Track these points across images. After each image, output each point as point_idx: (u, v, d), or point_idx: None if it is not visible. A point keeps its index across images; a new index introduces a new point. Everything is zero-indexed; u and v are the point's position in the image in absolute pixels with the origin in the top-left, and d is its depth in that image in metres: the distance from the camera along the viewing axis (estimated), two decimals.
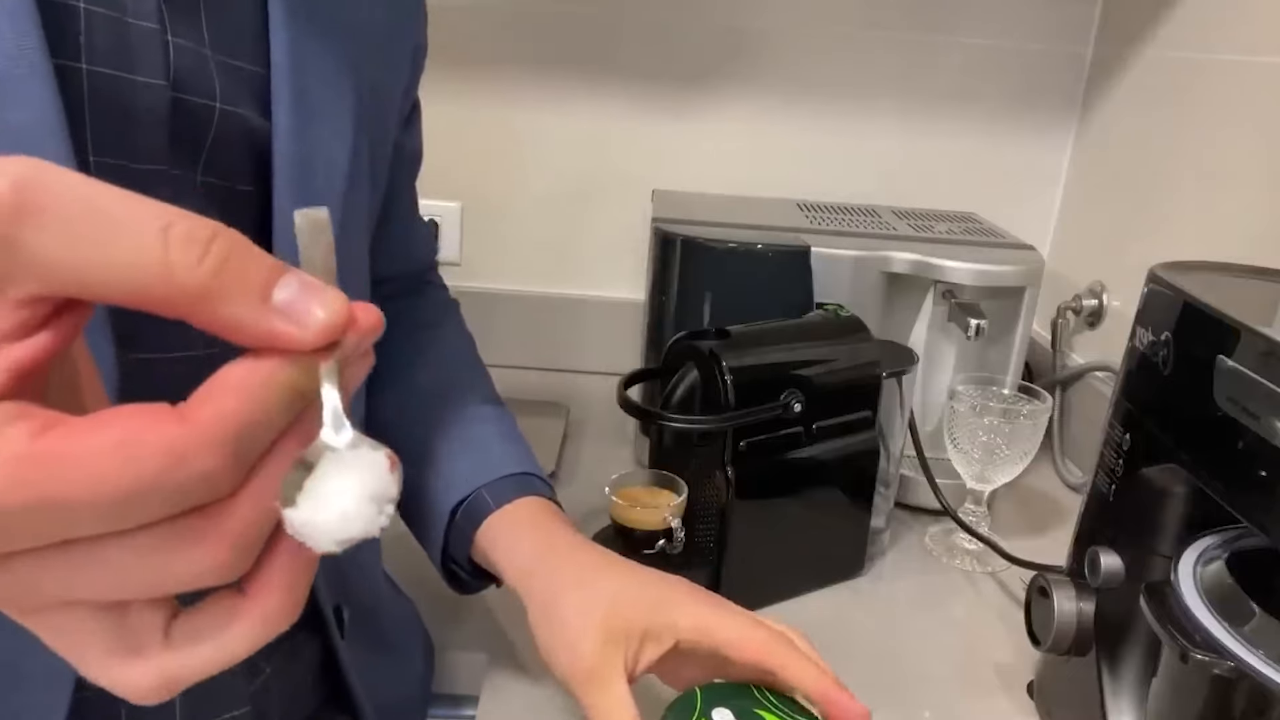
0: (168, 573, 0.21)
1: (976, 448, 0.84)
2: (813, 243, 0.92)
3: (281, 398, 0.21)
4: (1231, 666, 0.45)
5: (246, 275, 0.21)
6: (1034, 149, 1.20)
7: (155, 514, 0.21)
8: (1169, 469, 0.56)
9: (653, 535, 0.75)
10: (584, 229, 1.23)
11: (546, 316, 1.23)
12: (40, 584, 0.21)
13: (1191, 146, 0.95)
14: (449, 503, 0.61)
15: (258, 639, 0.24)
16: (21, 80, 0.35)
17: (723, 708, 0.50)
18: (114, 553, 0.21)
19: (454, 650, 0.73)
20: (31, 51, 0.36)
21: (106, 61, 0.39)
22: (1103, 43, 1.14)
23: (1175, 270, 0.60)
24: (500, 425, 0.67)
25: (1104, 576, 0.59)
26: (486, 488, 0.61)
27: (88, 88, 0.38)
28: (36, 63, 0.36)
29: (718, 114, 1.18)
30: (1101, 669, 0.60)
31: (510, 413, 0.69)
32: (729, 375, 0.72)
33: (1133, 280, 0.65)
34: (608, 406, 0.82)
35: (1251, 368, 0.48)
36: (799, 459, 0.76)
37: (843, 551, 0.83)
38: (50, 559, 0.21)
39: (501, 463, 0.63)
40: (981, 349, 0.94)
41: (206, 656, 0.24)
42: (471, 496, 0.61)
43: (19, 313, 0.20)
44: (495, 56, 1.16)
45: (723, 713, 0.50)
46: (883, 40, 1.16)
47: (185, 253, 0.20)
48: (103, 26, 0.38)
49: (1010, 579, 0.86)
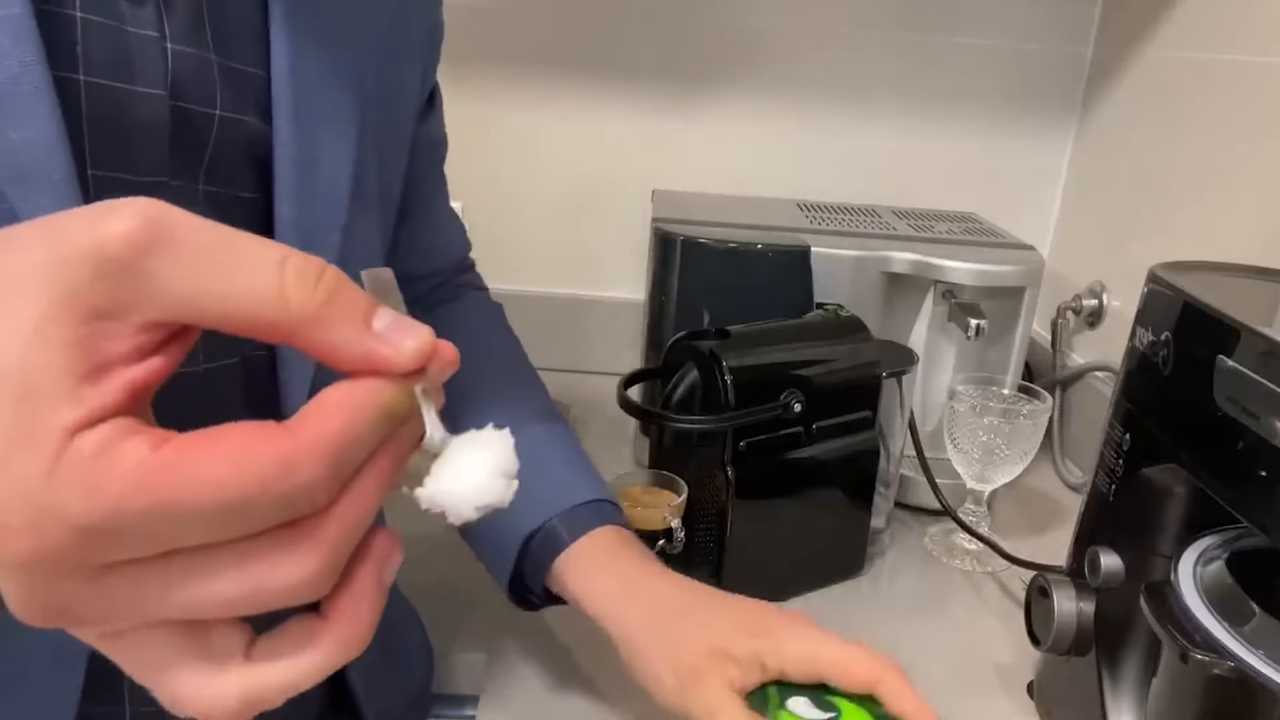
0: (263, 583, 0.23)
1: (976, 448, 0.84)
2: (813, 243, 0.92)
3: (377, 417, 0.23)
4: (1231, 666, 0.45)
5: (352, 304, 0.23)
6: (1034, 149, 1.20)
7: (258, 524, 0.22)
8: (1169, 469, 0.56)
9: (653, 535, 0.75)
10: (584, 229, 1.23)
11: (547, 316, 1.23)
12: (139, 598, 0.22)
13: (1191, 146, 0.95)
14: (520, 532, 0.60)
15: (334, 661, 0.25)
16: (24, 98, 0.35)
17: (798, 697, 0.52)
18: (215, 563, 0.22)
19: (454, 650, 0.73)
20: (33, 67, 0.35)
21: (104, 73, 0.38)
22: (1103, 43, 1.14)
23: (1175, 270, 0.60)
24: (565, 445, 0.65)
25: (1104, 576, 0.59)
26: (560, 518, 0.60)
27: (85, 100, 0.37)
28: (39, 79, 0.35)
29: (718, 114, 1.18)
30: (1101, 669, 0.60)
31: (569, 426, 0.68)
32: (729, 375, 0.72)
33: (1133, 280, 0.65)
34: (608, 406, 0.82)
35: (1251, 368, 0.48)
36: (799, 459, 0.76)
37: (843, 551, 0.83)
38: (154, 570, 0.22)
39: (573, 490, 0.62)
40: (981, 349, 0.94)
41: (285, 676, 0.25)
42: (545, 528, 0.60)
43: (139, 337, 0.22)
44: (495, 56, 1.16)
45: (799, 701, 0.52)
46: (882, 40, 1.16)
47: (300, 283, 0.22)
48: (100, 36, 0.37)
49: (1010, 579, 0.86)
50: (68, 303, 0.21)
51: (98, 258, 0.21)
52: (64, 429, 0.20)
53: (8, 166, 0.35)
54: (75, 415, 0.21)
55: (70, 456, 0.20)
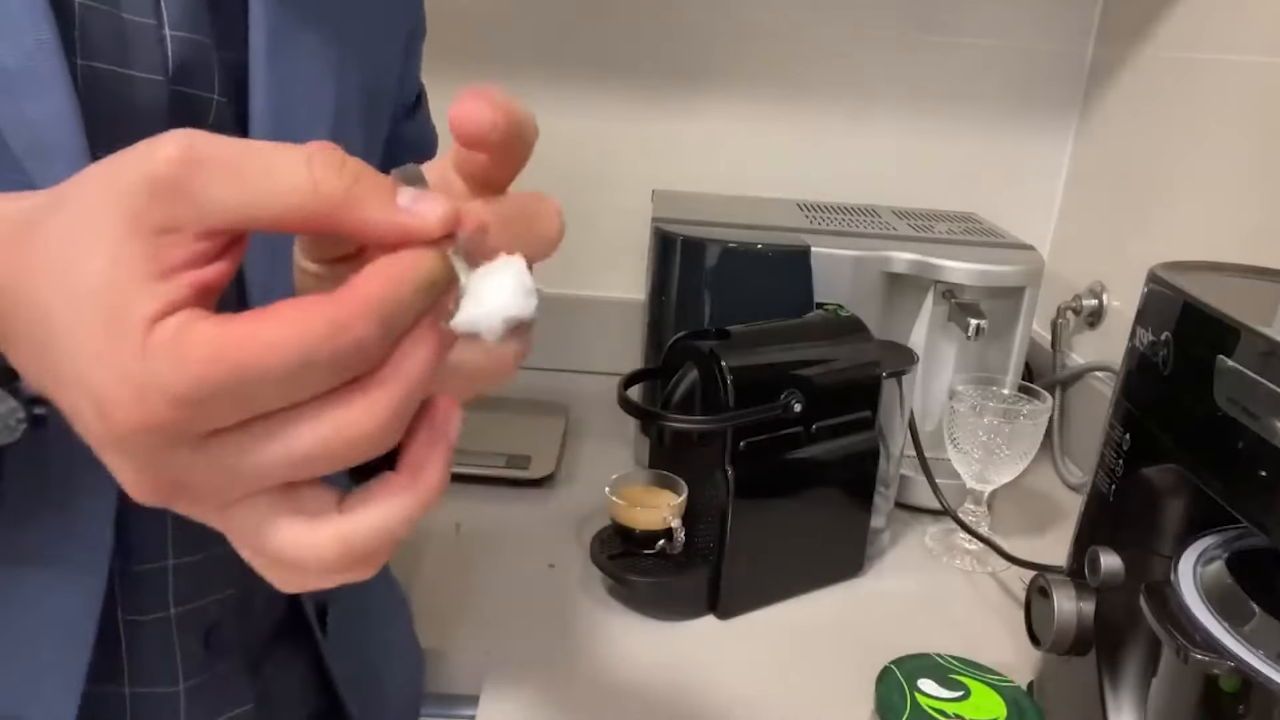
0: (340, 433, 0.25)
1: (976, 448, 0.84)
2: (813, 243, 0.92)
3: (416, 279, 0.25)
4: (1231, 666, 0.45)
5: (377, 184, 0.26)
6: (1034, 149, 1.20)
7: (323, 381, 0.25)
8: (1169, 469, 0.56)
9: (653, 535, 0.75)
10: (584, 229, 1.23)
11: (547, 316, 1.21)
12: (237, 463, 0.26)
13: (1191, 146, 0.95)
14: None
15: (416, 506, 0.28)
16: (41, 74, 0.36)
17: (926, 679, 0.60)
18: (296, 422, 0.25)
19: (454, 650, 0.73)
20: (48, 45, 0.36)
21: (102, 56, 0.39)
22: (1103, 43, 1.14)
23: (1175, 270, 0.60)
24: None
25: (1104, 576, 0.59)
26: None
27: (83, 84, 0.38)
28: (53, 55, 0.36)
29: (718, 114, 1.18)
30: (1101, 669, 0.60)
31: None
32: (729, 375, 0.72)
33: (1133, 280, 0.65)
34: (608, 406, 0.82)
35: (1251, 368, 0.48)
36: (799, 459, 0.76)
37: (843, 551, 0.83)
38: (245, 434, 0.25)
39: None
40: (981, 349, 0.94)
41: (376, 521, 0.28)
42: None
43: (198, 245, 0.25)
44: (494, 56, 1.16)
45: (928, 682, 0.60)
46: (882, 40, 1.16)
47: (326, 171, 0.25)
48: (97, 22, 0.38)
49: (1010, 579, 0.86)
50: (134, 223, 0.25)
51: (151, 182, 0.24)
52: (146, 319, 0.24)
53: (27, 140, 0.36)
54: (155, 307, 0.24)
55: (155, 338, 0.24)
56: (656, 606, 0.77)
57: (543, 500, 0.94)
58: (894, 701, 0.58)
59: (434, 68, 0.67)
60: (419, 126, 0.66)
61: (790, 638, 0.76)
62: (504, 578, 0.81)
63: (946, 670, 0.61)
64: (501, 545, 0.85)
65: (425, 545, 0.85)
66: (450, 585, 0.80)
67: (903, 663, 0.62)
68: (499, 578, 0.81)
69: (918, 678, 0.60)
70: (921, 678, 0.60)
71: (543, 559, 0.84)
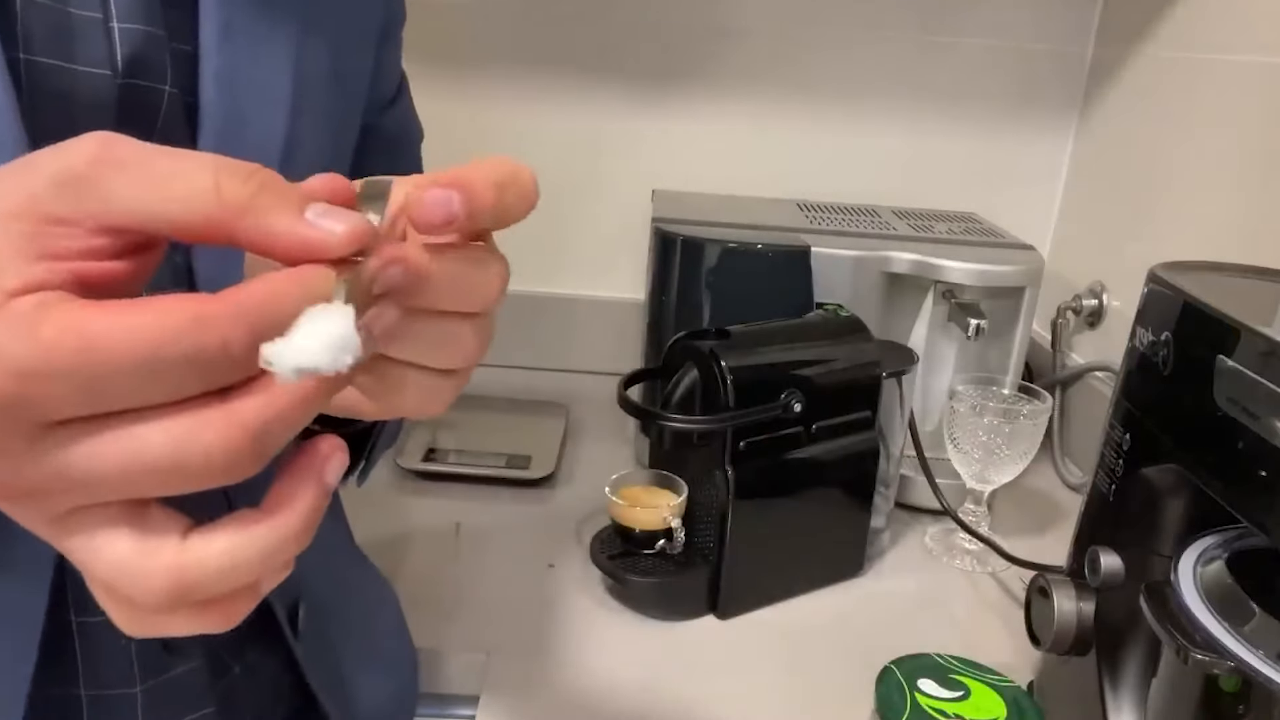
0: (187, 449, 0.24)
1: (976, 448, 0.84)
2: (813, 243, 0.92)
3: (300, 296, 0.25)
4: (1231, 666, 0.45)
5: (284, 194, 0.25)
6: (1034, 149, 1.20)
7: (180, 384, 0.24)
8: (1169, 469, 0.56)
9: (653, 535, 0.75)
10: (584, 228, 1.23)
11: (546, 316, 1.23)
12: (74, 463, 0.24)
13: (1191, 146, 0.95)
14: None
15: (269, 547, 0.26)
16: None
17: (926, 679, 0.60)
18: (143, 427, 0.24)
19: (453, 650, 0.73)
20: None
21: (45, 51, 0.38)
22: (1103, 43, 1.14)
23: (1175, 270, 0.60)
24: None
25: (1104, 576, 0.59)
26: None
27: (26, 78, 0.38)
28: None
29: (717, 114, 1.18)
30: (1101, 669, 0.60)
31: None
32: (729, 375, 0.72)
33: (1133, 280, 0.65)
34: (608, 406, 0.82)
35: (1251, 368, 0.48)
36: (799, 459, 0.76)
37: (843, 551, 0.83)
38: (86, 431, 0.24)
39: None
40: (981, 349, 0.94)
41: (220, 557, 0.25)
42: None
43: (93, 240, 0.25)
44: (494, 55, 1.16)
45: (928, 682, 0.60)
46: (883, 40, 1.16)
47: (231, 179, 0.25)
48: (39, 16, 0.38)
49: (1010, 579, 0.86)
50: (28, 206, 0.24)
51: (60, 174, 0.24)
52: (6, 291, 0.23)
53: None
54: (17, 283, 0.24)
55: (11, 308, 0.23)
56: (656, 606, 0.77)
57: (543, 500, 0.94)
58: (894, 701, 0.58)
59: (432, 67, 0.67)
60: (400, 118, 0.64)
61: (790, 638, 0.76)
62: (504, 578, 0.81)
63: (946, 670, 0.61)
64: (501, 545, 0.86)
65: (425, 545, 0.85)
66: (450, 585, 0.80)
67: (903, 663, 0.62)
68: (499, 578, 0.81)
69: (918, 678, 0.60)
70: (921, 678, 0.60)
71: (542, 559, 0.84)
